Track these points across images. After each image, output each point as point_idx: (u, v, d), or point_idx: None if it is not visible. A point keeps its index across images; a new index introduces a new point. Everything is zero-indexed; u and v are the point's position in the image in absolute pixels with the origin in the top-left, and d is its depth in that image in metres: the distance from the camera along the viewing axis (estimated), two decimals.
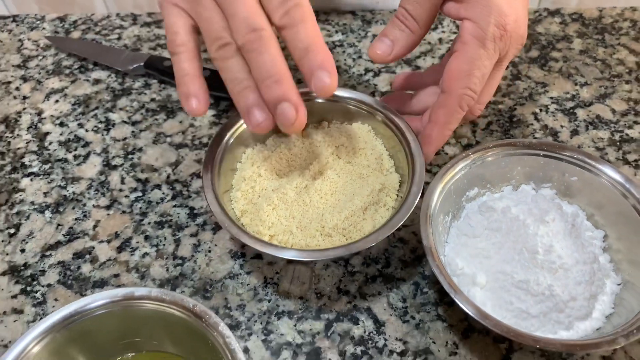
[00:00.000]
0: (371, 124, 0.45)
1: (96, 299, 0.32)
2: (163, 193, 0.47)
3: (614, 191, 0.38)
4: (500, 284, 0.37)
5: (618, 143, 0.48)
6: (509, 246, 0.37)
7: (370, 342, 0.38)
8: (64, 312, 0.32)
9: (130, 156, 0.49)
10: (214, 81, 0.44)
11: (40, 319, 0.39)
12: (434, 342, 0.38)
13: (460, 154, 0.40)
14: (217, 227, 0.44)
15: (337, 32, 0.59)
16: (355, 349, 0.38)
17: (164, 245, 0.43)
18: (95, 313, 0.33)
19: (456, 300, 0.33)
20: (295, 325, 0.39)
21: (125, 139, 0.51)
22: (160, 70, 0.54)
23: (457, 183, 0.40)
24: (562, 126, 0.50)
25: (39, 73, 0.57)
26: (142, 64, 0.55)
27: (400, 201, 0.40)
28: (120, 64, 0.55)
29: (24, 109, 0.54)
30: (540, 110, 0.51)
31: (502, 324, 0.32)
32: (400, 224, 0.37)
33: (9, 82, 0.56)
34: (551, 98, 0.52)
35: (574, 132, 0.49)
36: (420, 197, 0.38)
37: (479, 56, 0.37)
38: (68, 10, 0.63)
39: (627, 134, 0.49)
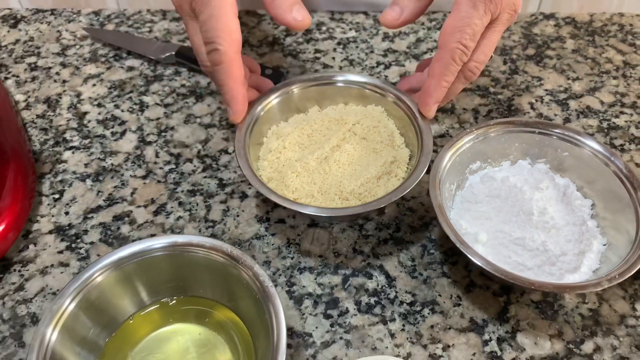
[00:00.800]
0: (384, 106, 0.50)
1: (156, 243, 0.37)
2: (194, 166, 0.51)
3: (597, 161, 0.43)
4: (500, 241, 0.41)
5: (606, 130, 0.54)
6: (507, 209, 0.42)
7: (382, 293, 0.43)
8: (127, 250, 0.36)
9: (163, 134, 0.54)
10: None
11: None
12: (439, 295, 0.43)
13: (466, 130, 0.45)
14: (243, 196, 0.49)
15: (350, 29, 0.65)
16: (369, 299, 0.42)
17: (196, 210, 0.48)
18: (153, 255, 0.37)
19: (460, 249, 0.38)
20: (315, 279, 0.44)
21: (158, 118, 0.56)
22: (191, 59, 0.59)
23: (462, 156, 0.45)
24: (555, 114, 0.55)
25: (77, 60, 0.62)
26: (173, 53, 0.60)
27: (409, 172, 0.45)
28: (153, 52, 0.60)
29: (64, 91, 0.59)
30: (536, 100, 0.56)
31: (502, 269, 0.37)
32: (410, 188, 0.42)
33: (50, 68, 0.61)
34: (546, 90, 0.58)
35: (567, 120, 0.54)
36: (427, 171, 0.43)
37: (470, 15, 0.41)
38: (81, 6, 0.68)
39: (614, 122, 0.54)
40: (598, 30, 0.64)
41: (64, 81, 0.60)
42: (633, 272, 0.36)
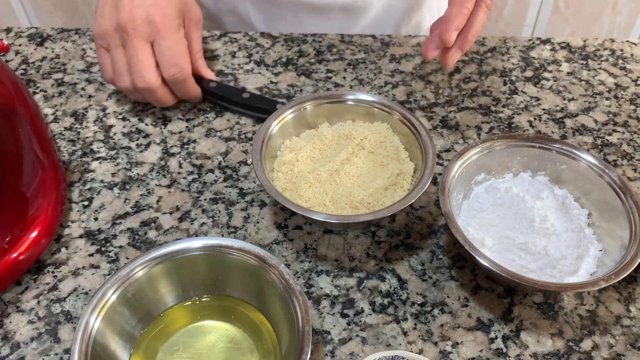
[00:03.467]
0: (390, 123, 0.54)
1: (192, 244, 0.40)
2: (216, 176, 0.55)
3: (593, 174, 0.47)
4: (504, 245, 0.45)
5: (600, 146, 0.57)
6: (511, 217, 0.46)
7: (395, 295, 0.46)
8: (165, 248, 0.39)
9: (185, 146, 0.58)
10: (220, 91, 0.61)
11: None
12: (448, 297, 0.46)
13: (472, 143, 0.49)
14: (262, 204, 0.52)
15: (359, 51, 0.69)
16: (383, 300, 0.45)
17: (218, 217, 0.51)
18: (188, 254, 0.40)
19: (469, 251, 0.41)
20: (332, 281, 0.47)
21: (180, 132, 0.59)
22: (206, 90, 0.61)
23: (468, 168, 0.48)
24: (552, 132, 0.59)
25: (101, 77, 0.66)
26: None
27: (414, 184, 0.48)
28: None
29: (90, 105, 0.62)
30: (534, 119, 0.60)
31: (508, 270, 0.40)
32: (418, 196, 0.45)
33: (76, 84, 0.65)
34: (543, 109, 0.61)
35: (563, 137, 0.58)
36: (432, 181, 0.46)
37: None
38: (81, 24, 0.72)
39: (607, 140, 0.58)
40: (591, 55, 0.68)
41: (90, 96, 0.63)
42: (627, 274, 0.40)
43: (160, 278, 0.40)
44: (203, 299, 0.43)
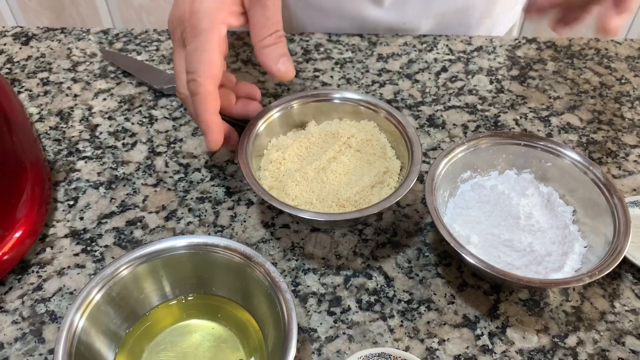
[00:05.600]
0: (376, 121, 0.54)
1: (178, 242, 0.40)
2: (202, 175, 0.55)
3: (577, 171, 0.47)
4: (490, 242, 0.45)
5: (585, 144, 0.58)
6: (497, 214, 0.46)
7: (382, 292, 0.46)
8: (151, 247, 0.39)
9: (172, 145, 0.57)
10: None
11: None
12: (434, 294, 0.46)
13: (458, 141, 0.49)
14: (249, 203, 0.52)
15: (347, 50, 0.69)
16: (369, 297, 0.46)
17: (205, 216, 0.51)
18: (174, 253, 0.40)
19: (455, 248, 0.41)
20: (319, 279, 0.47)
21: (167, 131, 0.59)
22: None
23: (454, 165, 0.48)
24: (538, 130, 0.59)
25: (87, 76, 0.65)
26: (174, 85, 0.62)
27: (400, 182, 0.48)
28: (157, 83, 0.63)
29: (76, 104, 0.62)
30: (520, 117, 0.61)
31: (494, 267, 0.40)
32: (404, 194, 0.45)
33: (61, 83, 0.64)
34: (529, 108, 0.62)
35: (549, 135, 0.59)
36: (418, 179, 0.46)
37: None
38: (69, 24, 0.71)
39: (592, 137, 0.59)
40: (576, 54, 0.69)
41: (76, 95, 0.63)
42: (611, 269, 0.40)
43: (145, 277, 0.40)
44: (189, 298, 0.43)
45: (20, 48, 0.69)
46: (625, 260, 0.47)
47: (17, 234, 0.47)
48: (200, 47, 0.44)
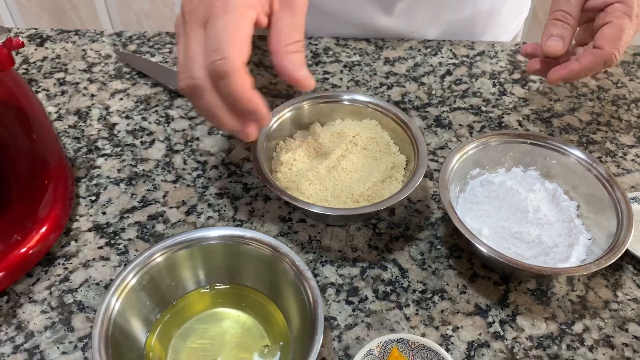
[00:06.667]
0: (379, 120, 0.56)
1: (210, 233, 0.42)
2: (220, 172, 0.56)
3: (581, 168, 0.50)
4: (500, 235, 0.47)
5: (585, 144, 0.61)
6: (506, 208, 0.48)
7: (397, 283, 0.48)
8: (183, 236, 0.41)
9: (189, 143, 0.59)
10: None
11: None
12: (447, 284, 0.48)
13: (468, 139, 0.51)
14: (267, 198, 0.54)
15: (355, 54, 0.71)
16: (385, 287, 0.48)
17: (224, 210, 0.53)
18: (205, 243, 0.42)
19: (469, 238, 0.44)
20: (336, 270, 0.49)
21: (184, 130, 0.61)
22: None
23: (464, 162, 0.51)
24: (540, 130, 0.62)
25: (103, 77, 0.67)
26: None
27: (409, 175, 0.50)
28: (172, 83, 0.65)
29: (93, 104, 0.63)
30: (523, 118, 0.63)
31: (506, 256, 0.43)
32: (415, 186, 0.47)
33: (78, 83, 0.66)
34: (531, 110, 0.65)
35: (550, 135, 0.61)
36: (426, 176, 0.48)
37: (627, 26, 0.50)
38: (68, 26, 0.73)
39: (592, 138, 0.61)
40: None
41: (92, 95, 0.64)
42: (617, 258, 0.43)
43: (176, 265, 0.42)
44: (216, 287, 0.45)
45: (35, 49, 0.70)
46: (627, 252, 0.49)
47: (43, 229, 0.48)
48: (232, 23, 0.39)
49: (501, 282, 0.48)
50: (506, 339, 0.45)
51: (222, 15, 0.39)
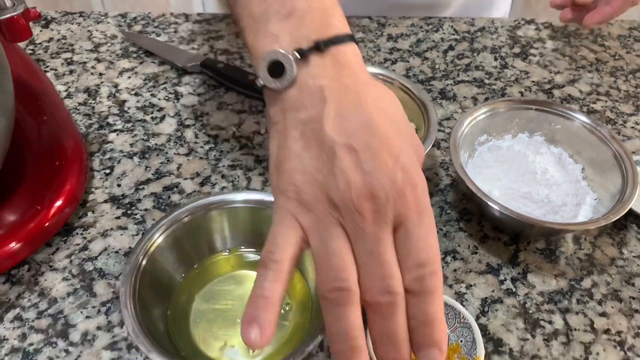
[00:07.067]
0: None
1: (236, 197, 0.44)
2: (231, 145, 0.57)
3: (585, 131, 0.51)
4: (510, 196, 0.49)
5: (586, 113, 0.62)
6: (514, 171, 0.50)
7: None
8: (208, 200, 0.42)
9: (199, 118, 0.60)
10: (229, 72, 0.60)
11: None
12: (459, 246, 0.49)
13: (476, 106, 0.53)
14: None
15: (358, 31, 0.72)
16: None
17: (238, 181, 0.54)
18: (231, 206, 0.43)
19: (481, 197, 0.45)
20: None
21: (193, 105, 0.61)
22: (214, 70, 0.64)
23: (473, 128, 0.52)
24: None
25: (110, 56, 0.67)
26: (198, 63, 0.65)
27: (422, 138, 0.52)
28: (180, 61, 0.65)
29: (102, 82, 0.64)
30: (525, 90, 0.65)
31: (518, 213, 0.44)
32: (428, 148, 0.49)
33: (85, 62, 0.66)
34: (533, 82, 0.66)
35: None
36: (435, 146, 0.50)
37: None
38: (66, 8, 0.73)
39: (592, 107, 0.63)
40: (572, 34, 0.74)
41: (101, 74, 0.65)
42: (624, 212, 0.44)
43: (202, 227, 0.43)
44: (239, 250, 0.46)
45: (40, 30, 0.70)
46: (632, 212, 0.51)
47: (59, 201, 0.49)
48: (431, 230, 0.31)
49: (511, 243, 0.50)
50: (518, 295, 0.46)
51: (421, 218, 0.31)
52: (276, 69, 0.33)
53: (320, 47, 0.33)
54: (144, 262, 0.39)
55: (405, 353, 0.31)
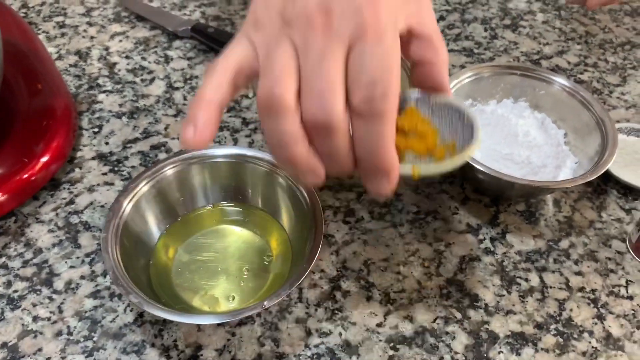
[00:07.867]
0: None
1: (217, 151, 0.44)
2: None
3: (565, 94, 0.52)
4: (492, 157, 0.49)
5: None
6: (497, 134, 0.50)
7: (392, 205, 0.50)
8: (192, 153, 0.43)
9: (188, 81, 0.60)
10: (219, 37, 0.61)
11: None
12: (440, 207, 0.50)
13: (461, 70, 0.53)
14: None
15: None
16: (381, 209, 0.50)
17: (225, 142, 0.54)
18: (213, 160, 0.44)
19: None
20: (334, 195, 0.50)
21: (183, 69, 0.62)
22: (205, 35, 0.64)
23: (458, 92, 0.53)
24: None
25: (102, 20, 0.68)
26: (189, 27, 0.65)
27: None
28: (171, 25, 0.66)
29: (93, 45, 0.64)
30: (513, 59, 0.65)
31: (501, 173, 0.45)
32: None
33: (77, 26, 0.67)
34: (521, 52, 0.67)
35: None
36: None
37: None
38: None
39: (579, 77, 0.64)
40: (563, 7, 0.74)
41: (92, 37, 0.65)
42: (601, 173, 0.45)
43: (185, 180, 0.43)
44: (221, 205, 0.46)
45: None
46: (612, 177, 0.51)
47: (47, 156, 0.50)
48: (390, 51, 0.29)
49: (491, 205, 0.50)
50: (496, 254, 0.47)
51: (377, 38, 0.29)
52: None
53: None
54: (127, 210, 0.40)
55: (348, 167, 0.32)
